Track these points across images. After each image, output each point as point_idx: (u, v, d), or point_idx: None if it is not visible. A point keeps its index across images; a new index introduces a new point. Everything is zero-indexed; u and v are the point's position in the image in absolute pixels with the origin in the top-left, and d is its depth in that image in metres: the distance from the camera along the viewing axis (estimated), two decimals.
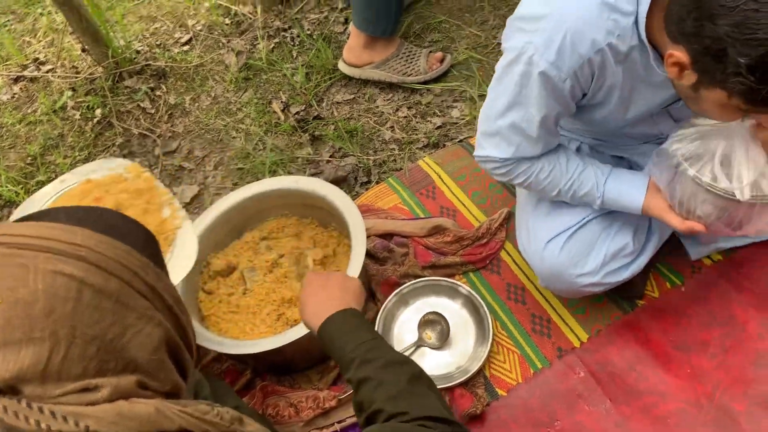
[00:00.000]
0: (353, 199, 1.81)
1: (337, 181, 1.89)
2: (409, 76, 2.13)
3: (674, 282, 1.52)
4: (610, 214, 1.35)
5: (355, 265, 1.37)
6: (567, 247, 1.34)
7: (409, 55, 2.15)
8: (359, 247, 1.40)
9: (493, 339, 1.49)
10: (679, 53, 0.94)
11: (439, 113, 2.06)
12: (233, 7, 2.55)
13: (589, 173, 1.30)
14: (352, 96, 2.17)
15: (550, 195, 1.32)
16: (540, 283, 1.44)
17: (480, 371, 1.44)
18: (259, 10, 2.47)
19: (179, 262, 1.24)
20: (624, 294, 1.49)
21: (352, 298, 1.14)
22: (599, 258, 1.33)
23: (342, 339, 1.05)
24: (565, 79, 1.10)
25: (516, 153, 1.25)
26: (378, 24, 2.09)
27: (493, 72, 1.23)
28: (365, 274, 1.54)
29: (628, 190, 1.27)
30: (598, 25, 1.05)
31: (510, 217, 1.68)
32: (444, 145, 1.95)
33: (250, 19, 2.50)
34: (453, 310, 1.54)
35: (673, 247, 1.49)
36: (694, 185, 1.09)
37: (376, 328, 1.49)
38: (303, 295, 1.19)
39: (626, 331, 1.47)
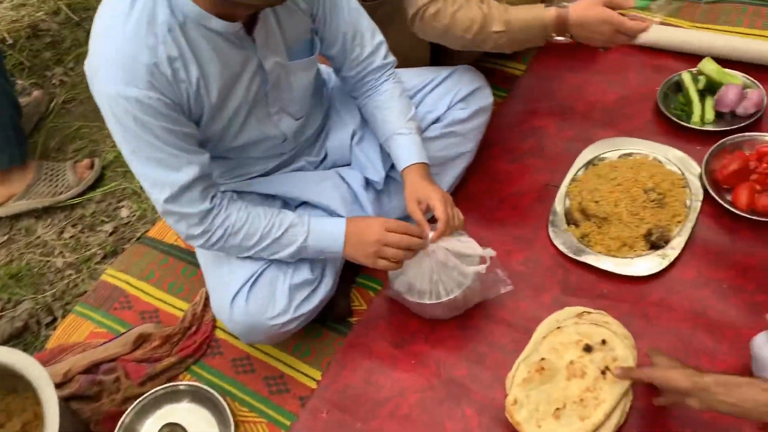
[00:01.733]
0: (43, 345, 1.66)
1: (18, 334, 1.69)
2: (60, 194, 1.99)
3: (375, 288, 1.62)
4: None
5: (51, 424, 1.22)
6: (252, 296, 1.36)
7: (52, 174, 2.01)
8: (50, 402, 1.25)
9: (236, 421, 1.44)
10: None
11: (107, 219, 1.95)
12: None
13: (287, 212, 1.36)
14: (6, 236, 1.96)
15: (249, 244, 1.32)
16: (243, 341, 1.44)
17: None
18: None
19: None
20: (334, 318, 1.55)
21: None
22: (284, 295, 1.37)
23: None
24: (150, 95, 1.13)
25: (169, 185, 1.22)
26: (1, 155, 1.91)
27: None
28: (74, 422, 1.39)
29: (329, 222, 1.38)
30: (138, 46, 1.11)
31: None
32: (123, 249, 1.85)
33: None
34: (185, 411, 1.46)
35: None
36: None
37: None
38: None
39: (352, 350, 1.53)
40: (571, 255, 1.54)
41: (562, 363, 1.30)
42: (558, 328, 1.36)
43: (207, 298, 1.64)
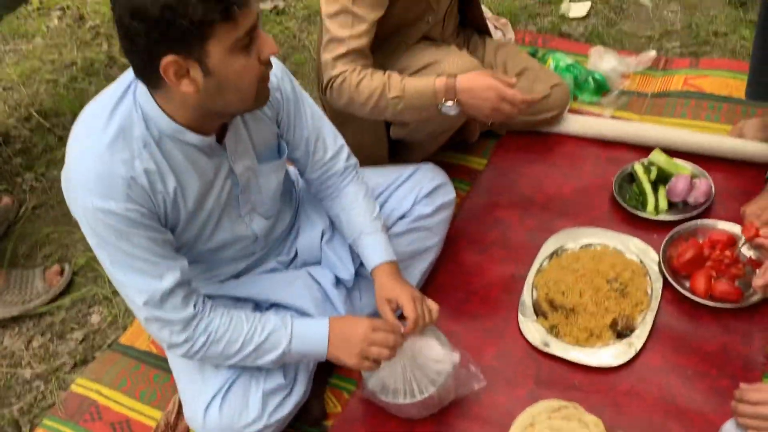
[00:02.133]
0: None
1: None
2: (30, 302, 1.97)
3: (349, 389, 1.62)
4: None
5: None
6: (225, 405, 1.35)
7: (21, 282, 1.99)
8: None
9: None
10: (167, 63, 1.05)
11: (77, 326, 1.93)
12: None
13: (269, 316, 1.36)
14: None
15: (232, 351, 1.31)
16: None
17: None
18: None
19: None
20: (308, 422, 1.54)
21: None
22: (258, 402, 1.37)
23: None
24: (128, 207, 1.16)
25: (150, 293, 1.22)
26: None
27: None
28: None
29: (313, 325, 1.38)
30: (114, 160, 1.15)
31: None
32: (94, 357, 1.83)
33: None
34: None
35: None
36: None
37: None
38: None
39: None
40: (541, 348, 1.57)
41: None
42: (531, 425, 1.37)
43: (180, 406, 1.62)
